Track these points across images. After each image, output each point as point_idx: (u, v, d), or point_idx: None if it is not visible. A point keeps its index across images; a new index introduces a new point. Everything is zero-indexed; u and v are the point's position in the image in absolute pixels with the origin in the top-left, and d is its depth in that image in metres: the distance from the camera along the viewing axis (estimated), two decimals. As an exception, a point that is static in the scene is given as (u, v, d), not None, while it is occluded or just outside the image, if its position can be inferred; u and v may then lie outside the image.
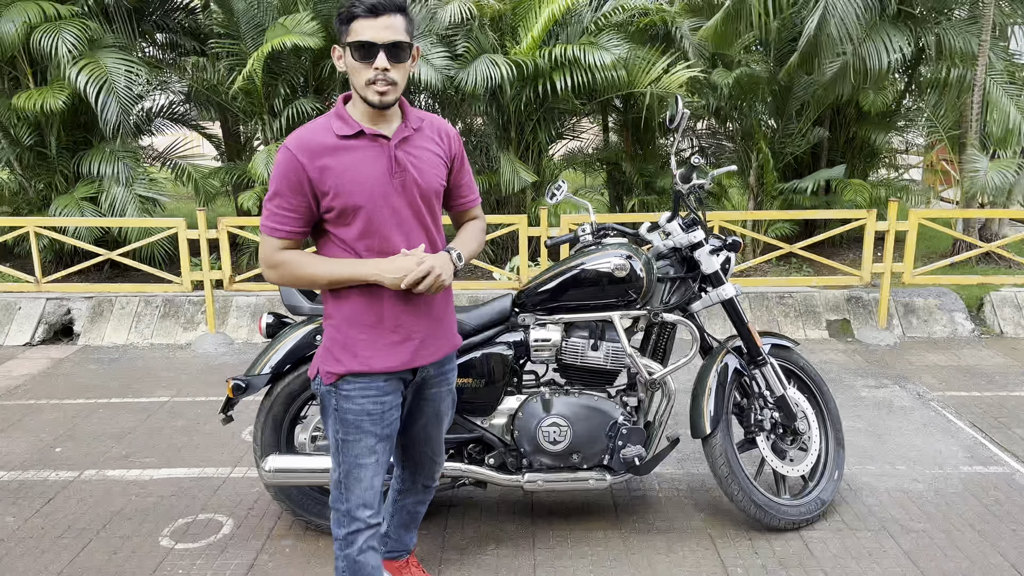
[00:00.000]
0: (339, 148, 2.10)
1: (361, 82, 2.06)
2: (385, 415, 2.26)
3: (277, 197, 2.11)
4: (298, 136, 2.11)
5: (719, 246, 3.34)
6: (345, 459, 2.26)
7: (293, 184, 2.08)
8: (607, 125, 9.31)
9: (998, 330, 6.34)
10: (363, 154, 2.12)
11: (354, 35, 2.03)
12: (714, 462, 3.25)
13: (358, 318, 2.20)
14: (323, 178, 2.08)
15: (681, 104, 3.12)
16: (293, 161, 2.07)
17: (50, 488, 3.83)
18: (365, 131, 2.12)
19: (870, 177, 8.97)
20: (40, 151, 7.52)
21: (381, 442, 2.27)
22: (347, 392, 2.22)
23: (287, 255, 2.15)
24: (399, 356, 2.24)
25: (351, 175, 2.09)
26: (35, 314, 6.45)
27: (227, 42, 7.71)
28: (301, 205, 2.11)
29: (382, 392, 2.24)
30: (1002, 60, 7.65)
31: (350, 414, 2.23)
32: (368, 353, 2.21)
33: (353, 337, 2.21)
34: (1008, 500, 3.62)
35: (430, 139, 2.24)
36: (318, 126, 2.13)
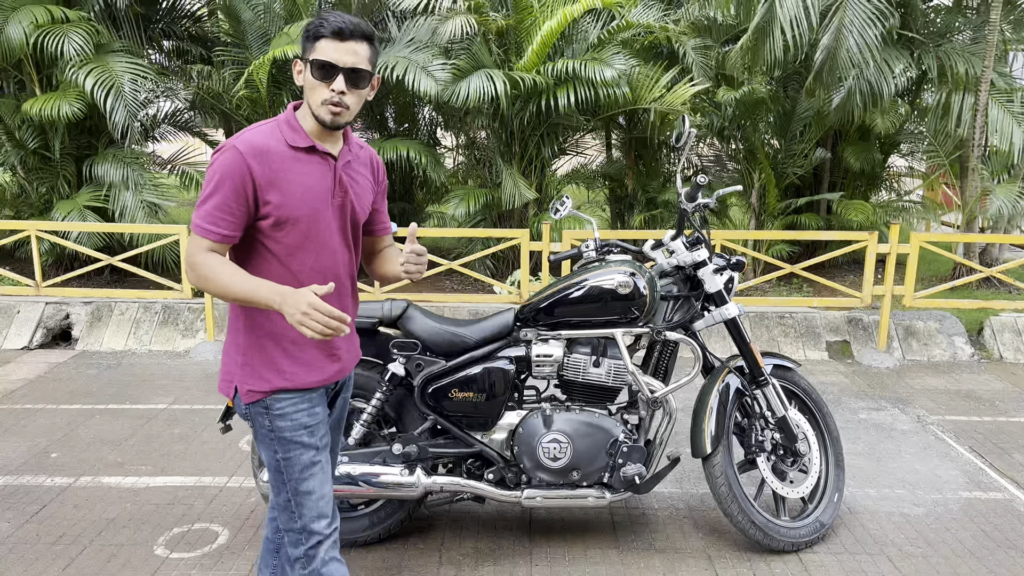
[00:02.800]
0: (289, 158, 2.07)
1: (317, 100, 2.05)
2: (320, 426, 2.20)
3: (216, 196, 2.01)
4: (247, 139, 2.04)
5: (723, 265, 3.34)
6: (290, 477, 2.16)
7: (236, 186, 2.00)
8: (610, 142, 9.34)
9: (998, 355, 6.33)
10: (311, 168, 2.09)
11: (317, 53, 2.02)
12: (714, 482, 3.24)
13: (283, 333, 2.13)
14: (270, 186, 2.03)
15: (688, 123, 3.13)
16: (240, 163, 2.00)
17: (45, 494, 3.80)
18: (317, 147, 2.10)
19: (871, 199, 8.99)
20: (43, 155, 7.52)
21: (321, 452, 2.20)
22: (280, 410, 2.14)
23: (210, 259, 2.03)
24: (326, 370, 2.20)
25: (296, 187, 2.06)
26: (34, 318, 6.43)
27: (233, 50, 7.74)
28: (239, 209, 2.02)
29: (314, 404, 2.18)
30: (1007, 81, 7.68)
31: (286, 431, 2.14)
32: (294, 369, 2.14)
33: (277, 352, 2.13)
34: (1008, 527, 3.60)
35: (364, 165, 2.27)
36: (267, 131, 2.09)
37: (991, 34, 7.07)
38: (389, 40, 7.65)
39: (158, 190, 7.46)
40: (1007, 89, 7.57)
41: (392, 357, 3.20)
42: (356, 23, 2.04)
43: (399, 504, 3.30)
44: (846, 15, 6.45)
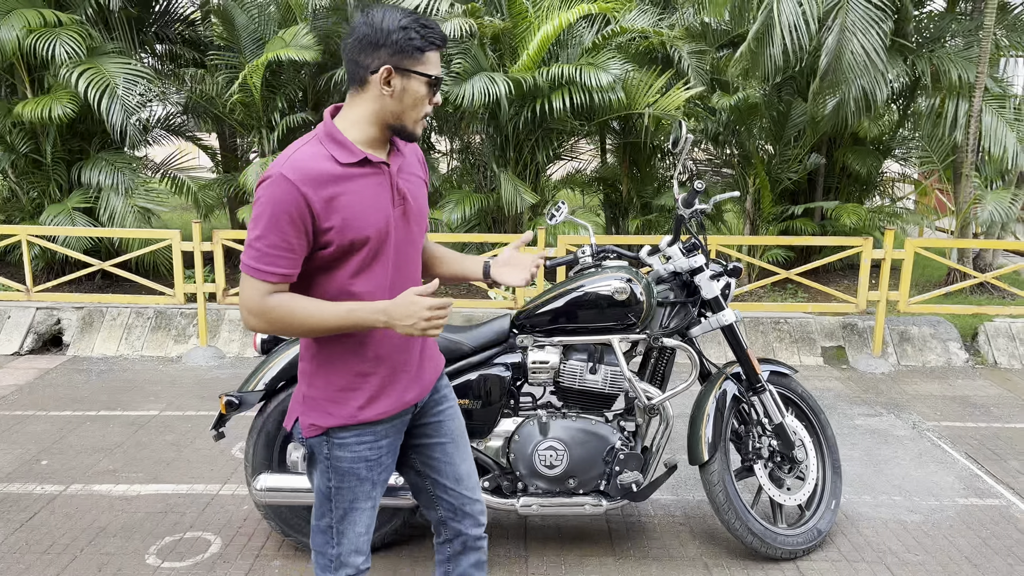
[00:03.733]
0: (343, 177, 1.87)
1: (418, 115, 1.92)
2: (382, 459, 2.07)
3: (271, 234, 1.82)
4: (295, 164, 1.83)
5: (719, 271, 3.32)
6: (339, 505, 2.06)
7: (294, 219, 1.81)
8: (605, 147, 9.33)
9: (992, 360, 6.34)
10: (366, 182, 1.91)
11: (428, 67, 1.88)
12: (711, 489, 3.22)
13: (347, 365, 1.99)
14: (328, 211, 1.84)
15: (685, 128, 3.12)
16: (293, 193, 1.80)
17: (35, 502, 3.76)
18: (369, 158, 1.92)
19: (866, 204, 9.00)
20: (35, 159, 7.47)
21: (378, 486, 2.09)
22: (341, 440, 2.01)
23: (278, 300, 1.86)
24: (393, 399, 2.04)
25: (358, 207, 1.88)
26: (24, 323, 6.38)
27: (226, 54, 7.71)
28: (299, 243, 1.84)
29: (380, 436, 2.04)
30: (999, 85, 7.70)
31: (344, 462, 2.02)
32: (359, 402, 1.99)
33: (340, 385, 2.00)
34: (1004, 534, 3.59)
35: (414, 164, 2.10)
36: (314, 153, 1.88)
37: (984, 40, 7.09)
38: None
39: (150, 195, 7.41)
40: (1001, 95, 7.60)
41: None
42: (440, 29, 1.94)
43: (393, 512, 3.27)
44: (847, 17, 6.46)
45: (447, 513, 2.25)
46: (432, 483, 2.23)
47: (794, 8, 6.46)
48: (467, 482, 2.24)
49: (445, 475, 2.21)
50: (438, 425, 2.22)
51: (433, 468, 2.21)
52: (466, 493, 2.23)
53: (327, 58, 7.36)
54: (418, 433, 2.20)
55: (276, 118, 7.50)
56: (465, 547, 2.27)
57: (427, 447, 2.21)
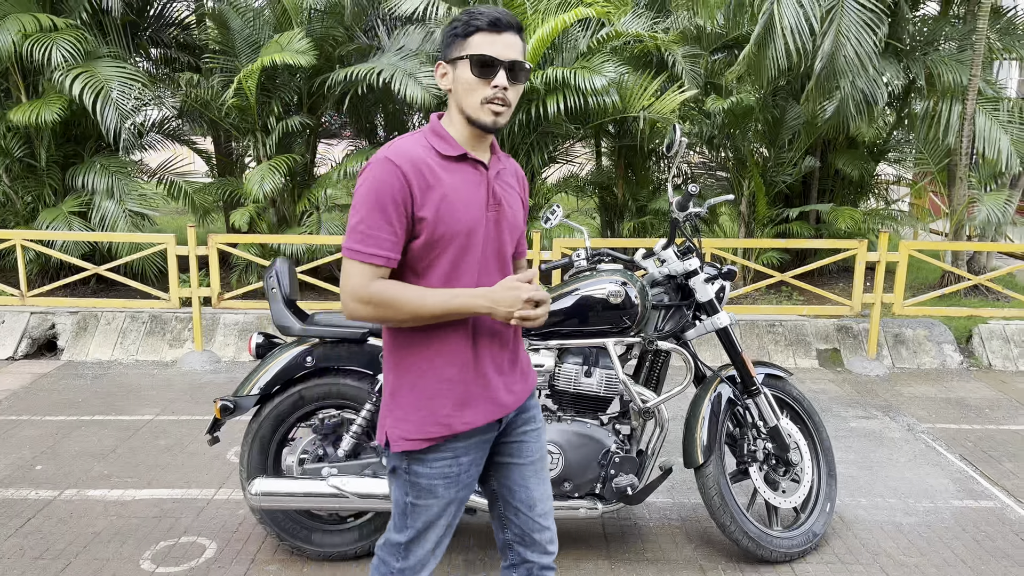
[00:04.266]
0: (442, 168, 1.89)
1: (476, 101, 1.88)
2: (462, 477, 2.01)
3: (374, 216, 1.83)
4: (398, 148, 1.87)
5: (714, 275, 3.33)
6: (413, 524, 2.02)
7: (396, 200, 1.82)
8: (600, 150, 9.34)
9: (986, 363, 6.35)
10: (464, 177, 1.92)
11: (474, 49, 1.86)
12: (706, 492, 3.23)
13: (436, 370, 1.95)
14: (425, 198, 1.85)
15: (679, 132, 3.12)
16: (396, 174, 1.82)
17: (29, 507, 3.75)
18: (468, 154, 1.93)
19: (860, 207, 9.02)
20: (29, 163, 7.46)
21: (455, 504, 2.04)
22: (421, 456, 1.97)
23: (384, 285, 1.85)
24: (482, 411, 1.99)
25: (452, 199, 1.88)
26: (18, 328, 6.36)
27: (221, 58, 7.71)
28: (401, 225, 1.85)
29: (460, 453, 1.99)
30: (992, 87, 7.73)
31: (423, 478, 1.98)
32: (445, 411, 1.95)
33: (430, 392, 1.96)
34: (999, 535, 3.60)
35: (512, 177, 2.09)
36: (415, 141, 1.91)
37: (978, 43, 7.11)
38: (379, 48, 7.64)
39: (143, 199, 7.40)
40: (994, 98, 7.62)
41: (382, 368, 3.17)
42: (509, 13, 1.90)
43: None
44: (842, 22, 6.48)
45: (514, 537, 2.18)
46: (504, 504, 2.17)
47: (795, 10, 6.47)
48: (539, 508, 2.16)
49: (518, 498, 2.15)
50: (520, 446, 2.15)
51: (507, 489, 2.16)
52: (537, 519, 2.15)
53: (322, 62, 7.36)
54: (499, 451, 2.15)
55: (272, 122, 7.49)
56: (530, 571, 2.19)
57: (505, 467, 2.15)
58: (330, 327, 3.16)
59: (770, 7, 6.59)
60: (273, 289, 3.22)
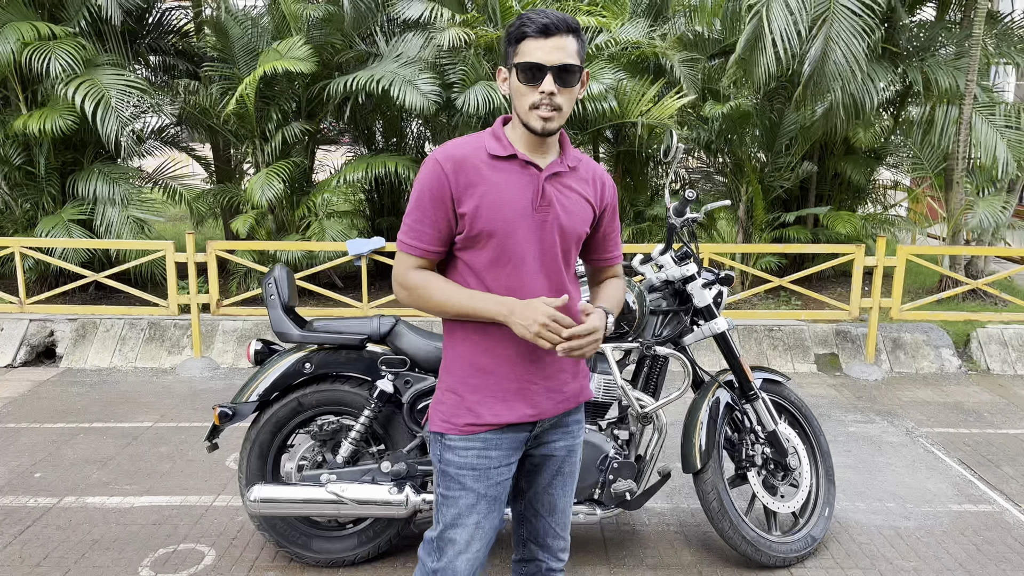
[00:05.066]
0: (486, 166, 1.96)
1: (525, 106, 1.92)
2: (491, 472, 2.02)
3: (417, 211, 1.97)
4: (446, 148, 1.97)
5: (712, 280, 3.34)
6: (443, 517, 2.05)
7: (435, 197, 1.94)
8: (598, 155, 9.36)
9: (985, 367, 6.36)
10: (510, 178, 1.96)
11: (522, 56, 1.90)
12: (705, 497, 3.23)
13: (471, 359, 2.02)
14: (464, 195, 1.93)
15: (676, 137, 3.14)
16: (437, 172, 1.93)
17: (28, 515, 3.74)
18: (518, 155, 1.97)
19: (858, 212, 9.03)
20: (28, 171, 7.47)
21: (484, 501, 2.03)
22: (451, 442, 2.02)
23: (420, 276, 1.99)
24: (513, 408, 2.01)
25: (493, 197, 1.94)
26: (17, 335, 6.36)
27: (220, 66, 7.72)
28: (440, 221, 1.95)
29: (489, 446, 2.01)
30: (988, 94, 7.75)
31: (452, 466, 2.02)
32: (476, 398, 2.01)
33: (464, 381, 2.02)
34: (998, 540, 3.60)
35: (584, 181, 2.07)
36: (470, 141, 2.00)
37: (974, 48, 7.14)
38: (378, 56, 7.66)
39: (144, 205, 7.41)
40: (990, 103, 7.64)
41: (381, 374, 3.18)
42: (561, 17, 1.90)
43: (388, 523, 3.27)
44: (832, 28, 6.50)
45: (529, 535, 2.23)
46: (526, 504, 2.21)
47: (785, 16, 6.50)
48: (559, 517, 2.20)
49: (541, 503, 2.18)
50: (551, 459, 2.15)
51: (533, 493, 2.19)
52: (554, 527, 2.20)
53: (320, 69, 7.38)
54: (532, 458, 2.15)
55: (271, 129, 7.51)
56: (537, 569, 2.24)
57: (534, 473, 2.17)
58: (328, 334, 3.16)
59: (759, 11, 6.60)
60: (272, 296, 3.22)
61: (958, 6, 8.12)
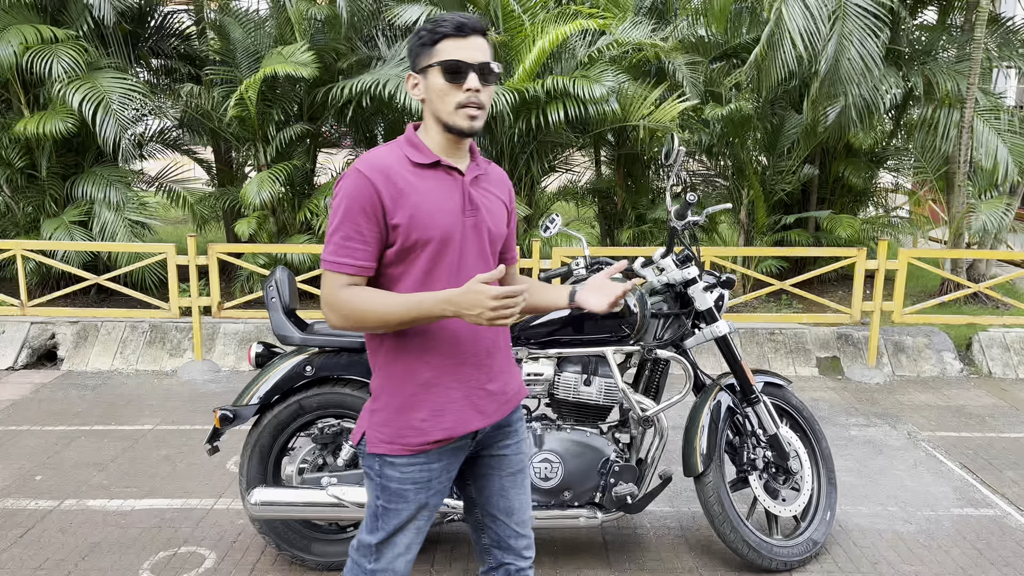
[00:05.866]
0: (412, 175, 1.92)
1: (449, 106, 1.90)
2: (433, 482, 2.02)
3: (345, 226, 1.88)
4: (369, 159, 1.92)
5: (713, 283, 3.34)
6: (384, 526, 2.03)
7: (366, 210, 1.87)
8: (599, 158, 9.36)
9: (987, 370, 6.35)
10: (437, 184, 1.94)
11: (442, 55, 1.89)
12: (706, 501, 3.22)
13: (411, 374, 1.97)
14: (397, 206, 1.88)
15: (677, 141, 3.14)
16: (366, 184, 1.87)
17: (29, 518, 3.74)
18: (441, 161, 1.96)
19: (859, 215, 9.03)
20: (30, 173, 7.47)
21: (425, 510, 2.05)
22: (394, 460, 1.99)
23: (352, 292, 1.89)
24: (461, 420, 2.00)
25: (425, 206, 1.90)
26: (19, 338, 6.36)
27: (222, 69, 7.73)
28: (373, 234, 1.89)
29: (432, 459, 2.00)
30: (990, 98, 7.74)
31: (393, 482, 2.00)
32: (422, 415, 1.97)
33: (406, 399, 1.98)
34: (1000, 544, 3.59)
35: (495, 184, 2.10)
36: (387, 151, 1.95)
37: (975, 51, 7.13)
38: (380, 59, 7.66)
39: (144, 209, 7.41)
40: (993, 107, 7.64)
41: None
42: (474, 18, 1.92)
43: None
44: (845, 26, 6.49)
45: (491, 542, 2.20)
46: (482, 512, 2.19)
47: (803, 12, 6.47)
48: (517, 516, 2.18)
49: (496, 507, 2.16)
50: (501, 459, 2.16)
51: (486, 499, 2.17)
52: (515, 527, 2.17)
53: (322, 72, 7.38)
54: (480, 463, 2.16)
55: (272, 131, 7.52)
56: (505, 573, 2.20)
57: (485, 478, 2.16)
58: (330, 336, 3.16)
59: (778, 8, 6.58)
60: (273, 299, 3.22)
61: (960, 9, 8.12)
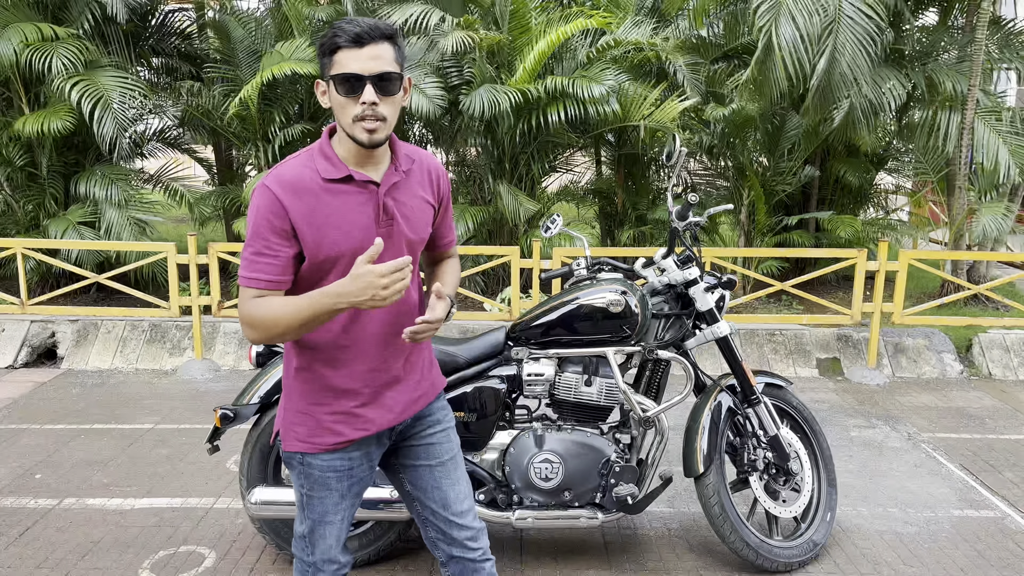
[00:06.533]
0: (323, 191, 1.88)
1: (348, 119, 1.85)
2: (354, 470, 2.07)
3: (255, 241, 1.86)
4: (278, 174, 1.88)
5: (714, 284, 3.34)
6: (311, 514, 2.08)
7: (275, 226, 1.84)
8: (600, 158, 9.36)
9: (986, 372, 6.35)
10: (348, 200, 1.90)
11: (338, 67, 1.83)
12: (706, 502, 3.22)
13: (322, 380, 1.99)
14: (305, 223, 1.86)
15: (679, 141, 3.13)
16: (273, 201, 1.84)
17: (29, 516, 3.74)
18: (353, 176, 1.91)
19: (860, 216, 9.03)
20: (31, 172, 7.47)
21: (348, 498, 2.09)
22: (311, 458, 2.05)
23: (255, 305, 1.86)
24: (373, 419, 2.03)
25: (334, 222, 1.88)
26: (19, 337, 6.36)
27: (223, 67, 7.73)
28: (283, 249, 1.86)
29: (352, 448, 2.04)
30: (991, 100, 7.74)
31: (315, 469, 2.04)
32: (334, 417, 2.00)
33: (318, 403, 2.01)
34: (999, 545, 3.59)
35: (420, 183, 2.04)
36: (299, 164, 1.91)
37: (976, 53, 7.13)
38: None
39: (146, 207, 7.41)
40: (995, 109, 7.63)
41: None
42: (373, 24, 1.84)
43: (388, 525, 3.27)
44: (838, 39, 6.49)
45: (436, 535, 2.20)
46: (420, 505, 2.19)
47: (792, 31, 6.48)
48: (455, 507, 2.16)
49: (432, 499, 2.16)
50: (428, 448, 2.17)
51: (421, 490, 2.18)
52: (453, 519, 2.16)
53: (323, 71, 7.39)
54: (407, 453, 2.18)
55: (273, 130, 7.51)
56: (464, 571, 2.20)
57: (415, 468, 2.17)
58: (330, 336, 3.15)
59: (768, 28, 6.59)
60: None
61: (961, 10, 8.12)
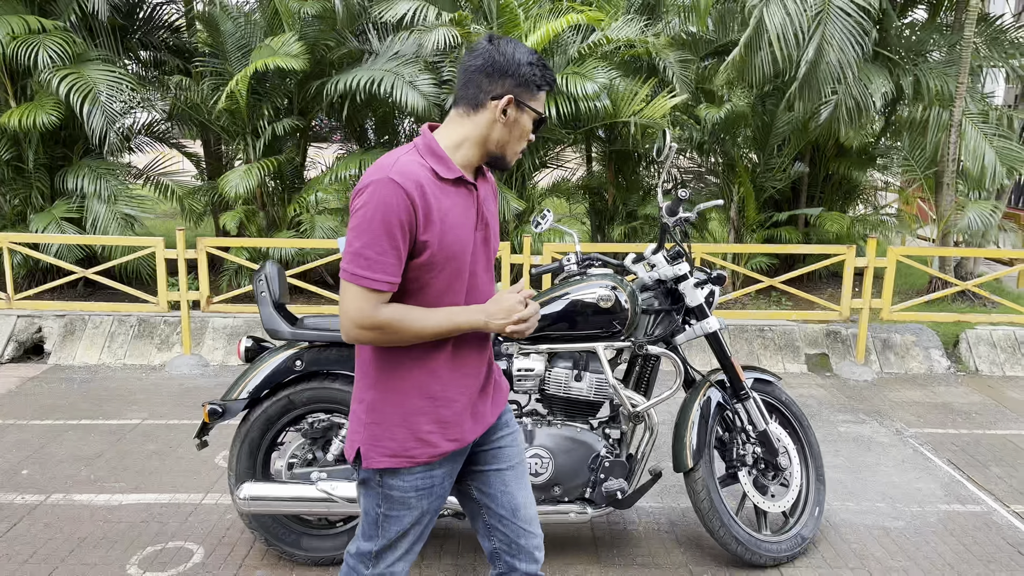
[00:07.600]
0: (439, 189, 1.87)
1: (517, 147, 1.98)
2: (435, 488, 2.01)
3: (381, 240, 1.78)
4: (401, 168, 1.82)
5: (704, 279, 3.34)
6: (384, 534, 2.01)
7: (403, 223, 1.79)
8: (590, 155, 9.36)
9: (974, 367, 6.39)
10: (458, 201, 1.92)
11: (538, 104, 1.95)
12: (696, 496, 3.23)
13: (422, 389, 1.95)
14: (428, 221, 1.83)
15: (669, 137, 3.14)
16: (401, 196, 1.78)
17: (15, 512, 3.72)
18: (464, 178, 1.93)
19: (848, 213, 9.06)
20: (17, 166, 7.41)
21: (427, 515, 2.04)
22: (396, 470, 1.98)
23: (391, 311, 1.83)
24: (466, 429, 2.01)
25: (450, 220, 1.88)
26: (5, 331, 6.31)
27: (212, 61, 7.68)
28: (403, 249, 1.82)
29: (436, 466, 1.99)
30: (978, 102, 7.78)
31: (396, 491, 1.98)
32: (430, 427, 1.95)
33: (415, 412, 1.95)
34: (986, 540, 3.62)
35: (492, 192, 2.12)
36: (412, 161, 1.87)
37: (964, 51, 7.17)
38: (372, 53, 7.63)
39: (133, 201, 7.37)
40: (983, 111, 7.66)
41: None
42: None
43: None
44: (827, 30, 6.51)
45: (501, 545, 2.16)
46: (488, 512, 2.16)
47: (783, 16, 6.49)
48: (523, 513, 2.15)
49: (501, 504, 2.14)
50: (498, 452, 2.16)
51: (489, 496, 2.15)
52: (522, 525, 2.14)
53: (313, 66, 7.35)
54: (477, 459, 2.15)
55: (263, 124, 7.48)
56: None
57: (485, 474, 2.15)
58: (320, 331, 3.15)
59: (759, 12, 6.61)
60: (263, 293, 3.21)
61: (950, 8, 8.15)
